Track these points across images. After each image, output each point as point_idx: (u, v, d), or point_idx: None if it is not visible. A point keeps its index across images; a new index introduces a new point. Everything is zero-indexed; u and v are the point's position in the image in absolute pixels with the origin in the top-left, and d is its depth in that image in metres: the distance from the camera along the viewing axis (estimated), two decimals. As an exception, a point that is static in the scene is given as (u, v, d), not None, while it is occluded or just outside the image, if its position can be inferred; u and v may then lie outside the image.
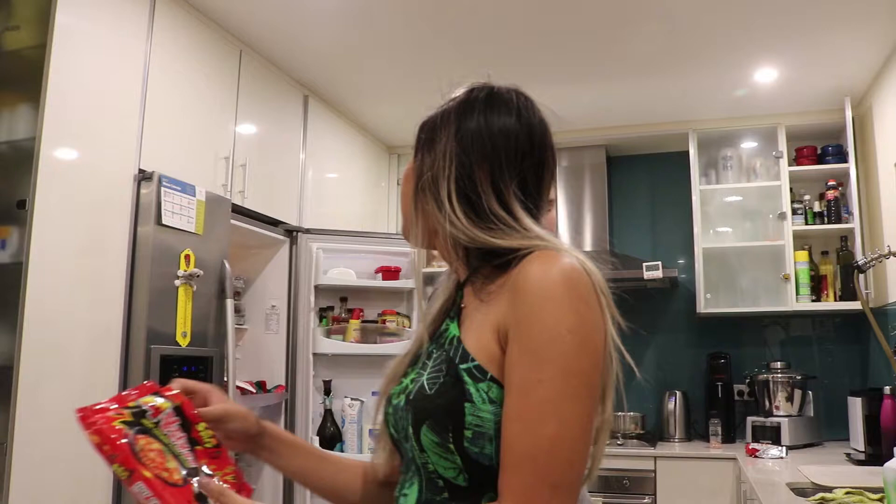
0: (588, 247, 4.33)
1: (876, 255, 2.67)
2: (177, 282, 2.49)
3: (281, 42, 3.20)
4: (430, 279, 4.49)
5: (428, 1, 2.91)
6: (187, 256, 2.53)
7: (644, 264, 3.90)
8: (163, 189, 2.44)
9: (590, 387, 0.89)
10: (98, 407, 1.00)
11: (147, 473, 0.95)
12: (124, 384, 2.34)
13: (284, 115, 3.47)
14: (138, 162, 2.47)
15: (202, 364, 2.58)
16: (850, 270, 3.72)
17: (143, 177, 2.46)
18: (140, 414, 1.01)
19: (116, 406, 1.01)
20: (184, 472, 1.00)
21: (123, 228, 2.40)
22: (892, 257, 2.66)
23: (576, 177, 4.41)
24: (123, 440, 0.97)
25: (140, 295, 2.39)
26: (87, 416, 0.99)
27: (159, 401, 1.04)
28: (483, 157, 1.03)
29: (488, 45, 3.31)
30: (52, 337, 2.15)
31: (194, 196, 2.58)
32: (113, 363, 2.33)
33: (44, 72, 2.17)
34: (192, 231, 2.56)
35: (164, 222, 2.43)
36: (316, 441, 3.22)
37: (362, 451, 3.18)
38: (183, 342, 2.50)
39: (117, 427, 0.98)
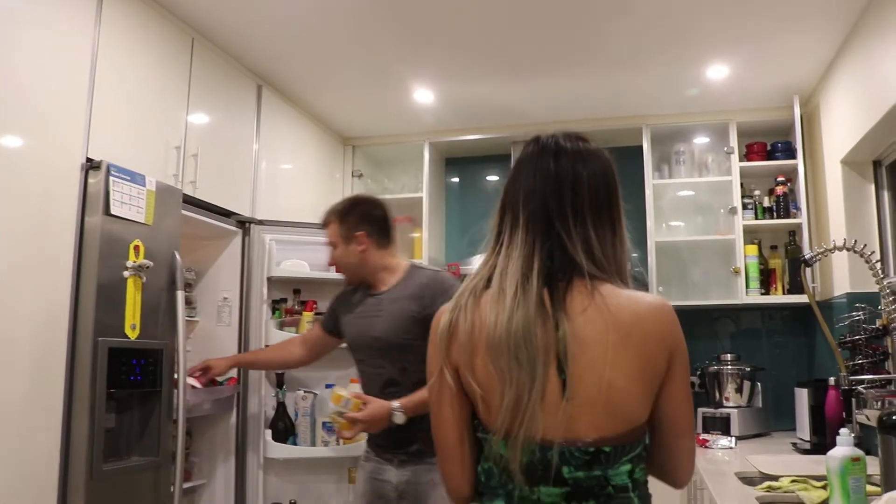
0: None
1: (822, 250, 2.72)
2: (126, 273, 2.43)
3: (234, 30, 3.15)
4: (385, 272, 4.47)
5: (384, -9, 2.89)
6: (136, 247, 2.47)
7: (597, 257, 3.92)
8: (111, 178, 2.38)
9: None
10: None
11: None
12: (71, 376, 2.29)
13: (237, 104, 3.42)
14: (86, 150, 2.41)
15: (152, 357, 2.53)
16: (797, 264, 3.80)
17: (91, 166, 2.40)
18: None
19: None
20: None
21: (70, 218, 2.34)
22: (837, 252, 2.71)
23: (531, 170, 4.42)
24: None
25: (87, 286, 2.33)
26: None
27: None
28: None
29: (446, 40, 3.31)
30: (-6, 329, 2.09)
31: (144, 186, 2.52)
32: (59, 355, 2.27)
33: (-15, 55, 2.10)
34: (142, 222, 2.51)
35: (112, 212, 2.38)
36: (268, 434, 3.18)
37: (315, 444, 3.16)
38: (132, 334, 2.45)
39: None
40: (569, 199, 1.34)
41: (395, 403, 2.41)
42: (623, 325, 1.27)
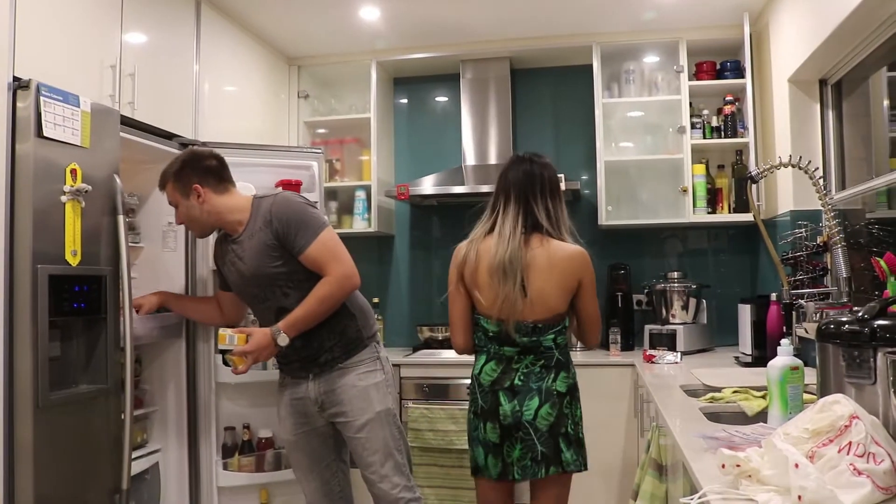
0: (493, 160, 4.33)
1: (768, 166, 2.75)
2: (63, 198, 2.35)
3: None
4: (332, 194, 4.42)
5: None
6: (73, 171, 2.38)
7: (548, 177, 3.92)
8: (42, 99, 2.27)
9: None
10: None
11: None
12: (10, 305, 2.22)
13: (175, 22, 3.27)
14: (12, 69, 2.28)
15: (95, 283, 2.47)
16: (743, 182, 3.85)
17: (20, 85, 2.27)
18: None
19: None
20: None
21: (0, 142, 2.24)
22: (783, 168, 2.75)
23: (480, 89, 4.37)
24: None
25: (23, 213, 2.24)
26: None
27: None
28: None
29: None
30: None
31: (78, 107, 2.42)
32: (-4, 285, 2.20)
33: None
34: (78, 144, 2.41)
35: (45, 134, 2.27)
36: (219, 359, 3.17)
37: (266, 367, 3.15)
38: (73, 261, 2.38)
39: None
40: (537, 187, 2.52)
41: (275, 327, 2.56)
42: (553, 260, 2.46)
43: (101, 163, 2.52)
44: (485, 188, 4.02)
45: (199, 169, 2.72)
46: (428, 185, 4.15)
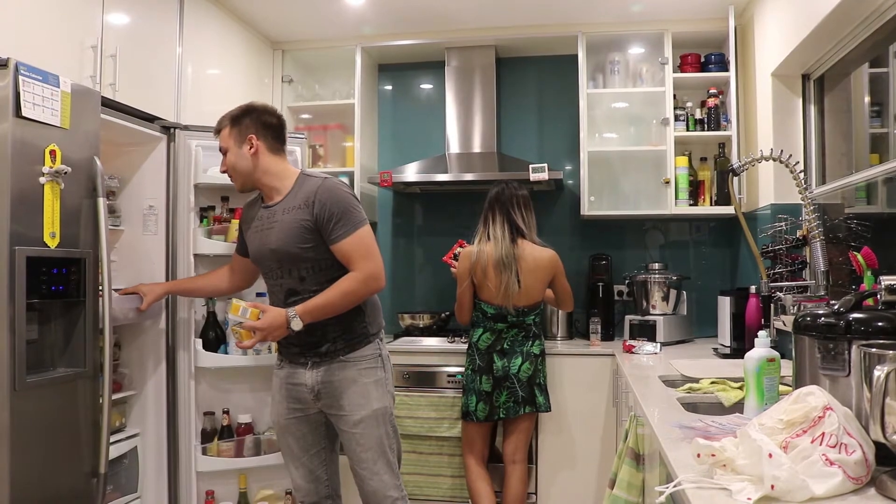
0: (477, 148, 4.33)
1: (750, 159, 2.77)
2: (42, 179, 2.32)
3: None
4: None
5: None
6: (53, 152, 2.36)
7: (530, 166, 3.93)
8: (21, 78, 2.23)
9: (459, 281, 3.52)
10: None
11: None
12: (-13, 287, 2.20)
13: (158, 4, 3.24)
14: (-10, 48, 2.26)
15: (74, 266, 2.45)
16: (726, 175, 3.87)
17: (-2, 64, 2.24)
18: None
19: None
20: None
21: (-23, 122, 2.20)
22: (764, 161, 2.76)
23: (465, 77, 4.36)
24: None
25: (0, 194, 2.21)
26: None
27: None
28: None
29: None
30: None
31: (58, 87, 2.38)
32: (-28, 266, 2.17)
33: None
34: (58, 125, 2.38)
35: (24, 115, 2.24)
36: (199, 344, 3.15)
37: (246, 353, 3.14)
38: (52, 243, 2.35)
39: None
40: (514, 204, 3.43)
41: (292, 311, 2.51)
42: (534, 260, 3.40)
43: (80, 144, 2.48)
44: (468, 176, 4.02)
45: (259, 122, 2.68)
46: (411, 173, 4.14)
